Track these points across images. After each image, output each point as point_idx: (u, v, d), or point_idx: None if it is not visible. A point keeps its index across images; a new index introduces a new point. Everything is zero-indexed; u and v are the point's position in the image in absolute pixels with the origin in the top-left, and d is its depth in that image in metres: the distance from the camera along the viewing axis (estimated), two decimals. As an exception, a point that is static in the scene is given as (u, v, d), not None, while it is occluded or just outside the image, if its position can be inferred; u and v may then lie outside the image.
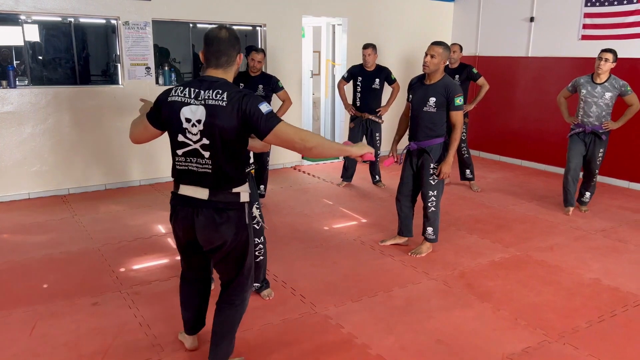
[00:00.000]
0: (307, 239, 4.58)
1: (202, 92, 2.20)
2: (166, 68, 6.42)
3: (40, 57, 6.13)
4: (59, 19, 5.91)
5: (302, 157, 7.50)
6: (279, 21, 6.93)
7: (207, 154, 2.22)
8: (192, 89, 2.23)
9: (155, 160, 6.37)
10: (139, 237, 4.57)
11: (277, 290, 3.56)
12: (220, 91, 2.19)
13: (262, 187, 5.59)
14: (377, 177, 6.46)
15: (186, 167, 2.30)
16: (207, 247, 2.38)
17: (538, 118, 7.42)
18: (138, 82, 6.08)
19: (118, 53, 6.03)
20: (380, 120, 6.17)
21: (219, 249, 2.36)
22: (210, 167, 2.24)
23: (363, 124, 6.17)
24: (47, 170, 5.76)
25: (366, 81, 6.05)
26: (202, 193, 2.28)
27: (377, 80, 6.06)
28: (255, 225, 3.16)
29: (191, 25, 6.60)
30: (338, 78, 8.99)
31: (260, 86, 5.25)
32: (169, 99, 2.26)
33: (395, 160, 4.20)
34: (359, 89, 6.10)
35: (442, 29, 8.54)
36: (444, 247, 4.36)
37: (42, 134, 5.65)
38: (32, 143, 5.62)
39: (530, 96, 7.49)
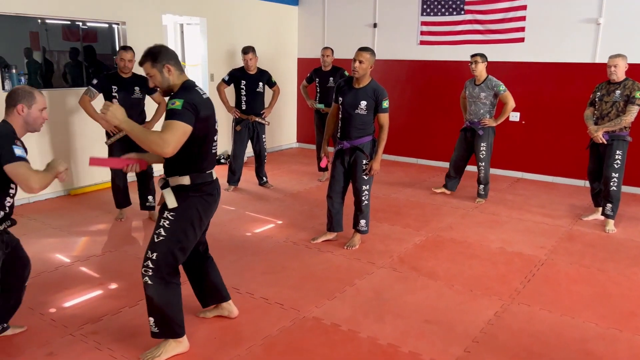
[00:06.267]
0: (236, 247, 4.45)
1: None
2: (13, 71, 5.46)
3: None
4: None
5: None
6: (139, 19, 6.41)
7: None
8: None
9: None
10: (43, 272, 3.88)
11: (250, 302, 3.45)
12: None
13: (150, 197, 5.15)
14: (264, 178, 6.49)
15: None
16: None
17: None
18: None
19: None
20: (266, 122, 6.23)
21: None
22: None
23: (249, 127, 6.15)
24: None
25: (250, 84, 6.04)
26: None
27: (260, 83, 6.11)
28: None
29: (39, 21, 5.71)
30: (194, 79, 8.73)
31: (137, 88, 4.86)
32: (203, 97, 2.68)
33: (329, 160, 4.36)
34: (243, 92, 6.05)
35: (290, 32, 8.88)
36: (369, 238, 4.67)
37: None
38: None
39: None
